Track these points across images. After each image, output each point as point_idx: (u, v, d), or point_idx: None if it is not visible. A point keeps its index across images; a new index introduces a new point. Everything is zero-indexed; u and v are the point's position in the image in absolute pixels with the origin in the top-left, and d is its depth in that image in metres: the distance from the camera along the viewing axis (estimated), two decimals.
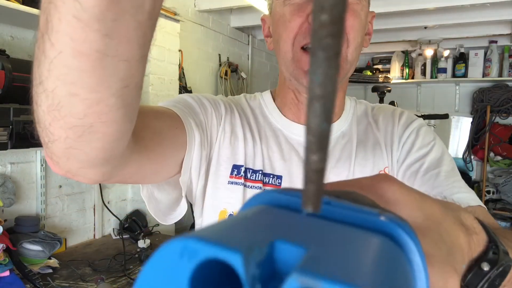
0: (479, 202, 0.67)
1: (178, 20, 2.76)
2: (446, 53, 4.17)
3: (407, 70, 4.46)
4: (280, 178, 0.75)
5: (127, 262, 2.02)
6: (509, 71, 3.98)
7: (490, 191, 4.11)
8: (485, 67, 4.05)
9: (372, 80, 4.37)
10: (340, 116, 0.81)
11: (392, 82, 4.42)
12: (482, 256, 0.30)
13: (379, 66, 4.72)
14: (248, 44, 4.13)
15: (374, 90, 3.65)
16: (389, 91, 3.61)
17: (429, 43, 4.15)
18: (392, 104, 1.53)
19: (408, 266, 0.20)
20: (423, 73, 4.36)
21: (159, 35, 2.57)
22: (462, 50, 4.19)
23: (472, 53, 4.10)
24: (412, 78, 4.47)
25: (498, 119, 4.18)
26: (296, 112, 0.80)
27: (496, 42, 4.00)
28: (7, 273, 1.61)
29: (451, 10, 3.28)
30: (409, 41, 4.30)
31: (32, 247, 1.81)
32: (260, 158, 0.75)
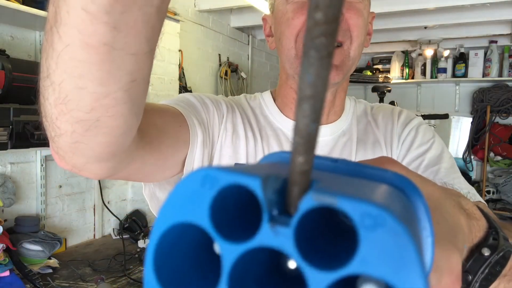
0: (480, 198, 0.67)
1: (178, 20, 2.76)
2: (446, 53, 4.17)
3: (407, 70, 4.46)
4: None
5: (127, 262, 2.03)
6: (509, 71, 3.98)
7: (490, 191, 4.11)
8: (485, 67, 4.05)
9: (372, 80, 4.37)
10: (341, 115, 0.82)
11: (392, 82, 4.42)
12: (483, 242, 0.31)
13: (379, 66, 4.72)
14: (248, 44, 4.13)
15: (374, 90, 3.65)
16: (389, 91, 3.61)
17: (429, 43, 4.15)
18: (392, 104, 1.53)
19: (416, 215, 0.21)
20: (423, 73, 4.36)
21: None
22: (462, 50, 4.19)
23: (472, 53, 4.10)
24: (412, 78, 4.47)
25: (498, 119, 4.18)
26: None
27: (496, 42, 4.00)
28: (7, 273, 1.61)
29: (451, 10, 3.28)
30: (409, 41, 4.30)
31: (32, 247, 1.81)
32: (261, 156, 0.75)
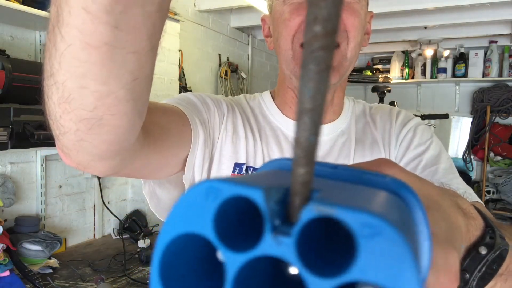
0: (477, 199, 0.67)
1: (178, 20, 2.76)
2: (446, 53, 4.17)
3: (407, 70, 4.46)
4: None
5: (127, 262, 2.03)
6: (509, 71, 3.98)
7: (490, 191, 4.12)
8: (485, 67, 4.05)
9: (372, 80, 4.37)
10: (340, 115, 0.82)
11: (392, 82, 4.42)
12: (480, 241, 0.31)
13: (379, 66, 4.72)
14: (248, 44, 4.13)
15: (374, 90, 3.65)
16: (389, 91, 3.61)
17: (429, 43, 4.15)
18: (392, 104, 1.54)
19: (413, 220, 0.21)
20: (423, 73, 4.36)
21: None
22: (462, 50, 4.19)
23: (472, 53, 4.10)
24: (412, 78, 4.47)
25: (498, 119, 4.18)
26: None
27: (496, 42, 4.00)
28: (7, 273, 1.61)
29: (451, 10, 3.28)
30: (409, 41, 4.29)
31: (32, 247, 1.81)
32: (260, 156, 0.76)
